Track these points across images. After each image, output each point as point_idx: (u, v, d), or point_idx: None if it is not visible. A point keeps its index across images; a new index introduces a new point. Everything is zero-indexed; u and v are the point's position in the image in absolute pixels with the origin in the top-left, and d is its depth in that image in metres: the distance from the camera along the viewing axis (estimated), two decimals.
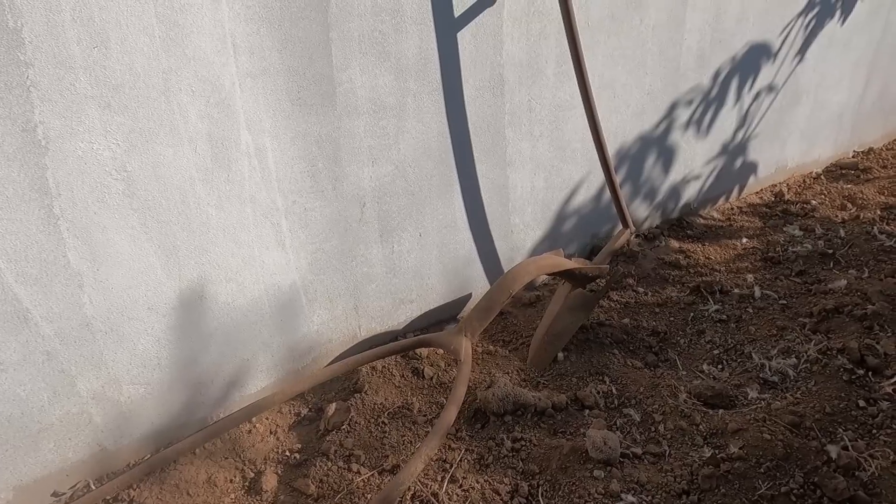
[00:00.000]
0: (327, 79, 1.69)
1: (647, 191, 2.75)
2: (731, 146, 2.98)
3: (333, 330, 2.03)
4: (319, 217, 1.84)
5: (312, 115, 1.71)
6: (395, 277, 2.10)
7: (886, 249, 2.68)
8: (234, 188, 1.64)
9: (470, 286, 2.33)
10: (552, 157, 2.31)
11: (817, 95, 3.21)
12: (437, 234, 2.13)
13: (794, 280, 2.53)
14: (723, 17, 2.56)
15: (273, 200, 1.73)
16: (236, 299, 1.76)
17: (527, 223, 2.38)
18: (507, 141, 2.16)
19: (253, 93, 1.59)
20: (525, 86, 2.11)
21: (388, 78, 1.80)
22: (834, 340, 2.12)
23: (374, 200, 1.94)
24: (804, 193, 3.31)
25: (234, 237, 1.69)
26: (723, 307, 2.37)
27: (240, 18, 1.51)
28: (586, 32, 2.17)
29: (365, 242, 1.98)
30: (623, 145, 2.53)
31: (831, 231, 2.85)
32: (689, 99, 2.65)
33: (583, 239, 2.61)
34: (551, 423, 1.84)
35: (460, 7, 1.86)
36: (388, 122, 1.86)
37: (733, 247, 2.81)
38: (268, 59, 1.58)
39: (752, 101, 2.92)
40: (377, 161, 1.89)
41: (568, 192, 2.44)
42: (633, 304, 2.42)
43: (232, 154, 1.61)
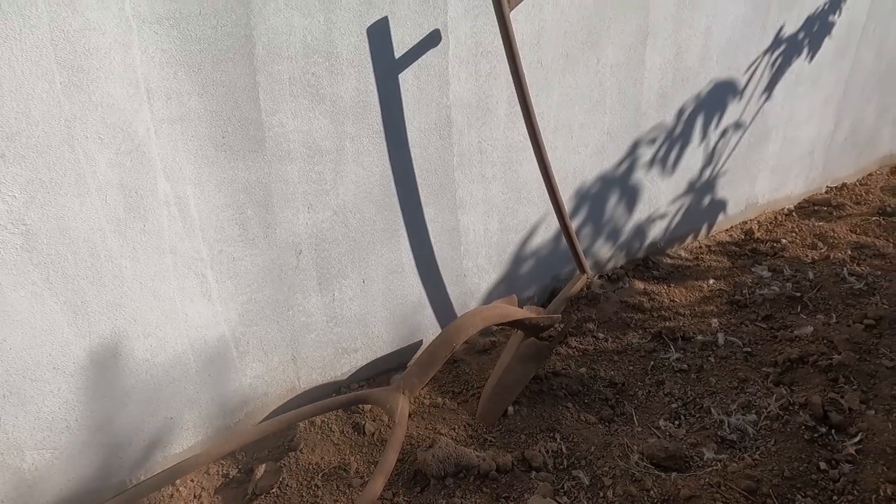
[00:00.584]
0: (255, 123, 1.61)
1: (610, 231, 2.67)
2: (699, 184, 2.91)
3: (269, 383, 1.92)
4: (250, 266, 1.74)
5: (239, 160, 1.62)
6: (337, 326, 1.99)
7: (855, 293, 2.60)
8: (152, 238, 1.54)
9: (420, 333, 2.23)
10: (507, 199, 2.23)
11: (787, 132, 3.16)
12: (382, 280, 2.04)
13: (759, 325, 2.45)
14: (685, 56, 2.51)
15: (197, 250, 1.63)
16: (156, 355, 1.65)
17: (481, 267, 2.28)
18: (457, 183, 2.07)
19: (171, 139, 1.50)
20: (475, 127, 2.03)
21: (324, 121, 1.72)
22: (797, 394, 2.03)
23: (312, 247, 1.84)
24: (775, 231, 3.24)
25: (152, 290, 1.59)
26: (684, 355, 2.27)
27: (154, 62, 1.42)
28: (539, 72, 2.10)
29: (303, 291, 1.88)
30: (583, 185, 2.46)
31: (800, 272, 2.77)
32: (651, 138, 2.59)
33: (542, 281, 2.52)
34: (495, 486, 1.73)
35: (402, 48, 1.78)
36: (325, 167, 1.77)
37: (699, 288, 2.73)
38: (187, 104, 1.49)
39: (720, 138, 2.86)
40: (314, 207, 1.79)
41: (525, 234, 2.36)
42: (592, 350, 2.32)
43: (148, 203, 1.51)
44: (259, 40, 1.54)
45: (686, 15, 2.43)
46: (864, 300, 2.56)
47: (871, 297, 2.57)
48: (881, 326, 2.36)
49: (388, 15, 1.72)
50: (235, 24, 1.49)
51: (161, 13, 1.39)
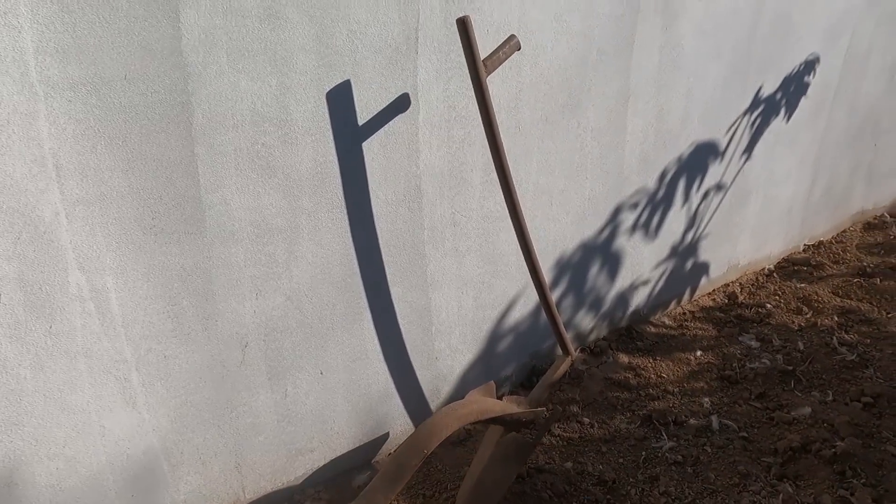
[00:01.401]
0: (193, 201, 1.37)
1: (592, 300, 2.49)
2: (681, 248, 2.78)
3: (208, 497, 1.63)
4: (185, 364, 1.48)
5: (173, 244, 1.38)
6: (289, 425, 1.73)
7: (848, 365, 2.47)
8: (61, 341, 1.28)
9: (387, 425, 1.98)
10: (483, 273, 2.03)
11: (766, 192, 3.07)
12: (343, 369, 1.79)
13: (753, 405, 2.27)
14: (666, 118, 2.40)
15: (119, 351, 1.37)
16: (64, 480, 1.36)
17: (454, 347, 2.06)
18: (428, 259, 1.87)
19: (87, 223, 1.25)
20: (447, 197, 1.84)
21: (275, 196, 1.50)
22: (804, 490, 1.84)
23: (260, 339, 1.59)
24: (758, 294, 3.12)
25: (60, 402, 1.31)
26: (678, 444, 2.07)
27: (66, 136, 1.18)
28: (518, 137, 1.93)
29: (249, 388, 1.61)
30: (564, 255, 2.28)
31: (789, 342, 2.63)
32: (634, 202, 2.44)
33: (521, 359, 2.30)
34: None
35: (366, 114, 1.59)
36: (277, 248, 1.54)
37: (687, 361, 2.55)
38: (108, 183, 1.26)
39: (701, 200, 2.74)
40: (263, 293, 1.55)
41: (502, 310, 2.15)
42: (578, 439, 2.10)
43: (56, 300, 1.25)
44: (198, 107, 1.32)
45: (667, 77, 2.32)
46: (858, 373, 2.42)
47: (864, 369, 2.44)
48: (880, 405, 2.22)
49: (350, 78, 1.53)
50: (170, 89, 1.28)
51: (76, 78, 1.17)
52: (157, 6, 1.22)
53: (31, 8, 1.09)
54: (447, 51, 1.67)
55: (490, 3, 1.70)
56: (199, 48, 1.29)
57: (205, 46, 1.29)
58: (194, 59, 1.28)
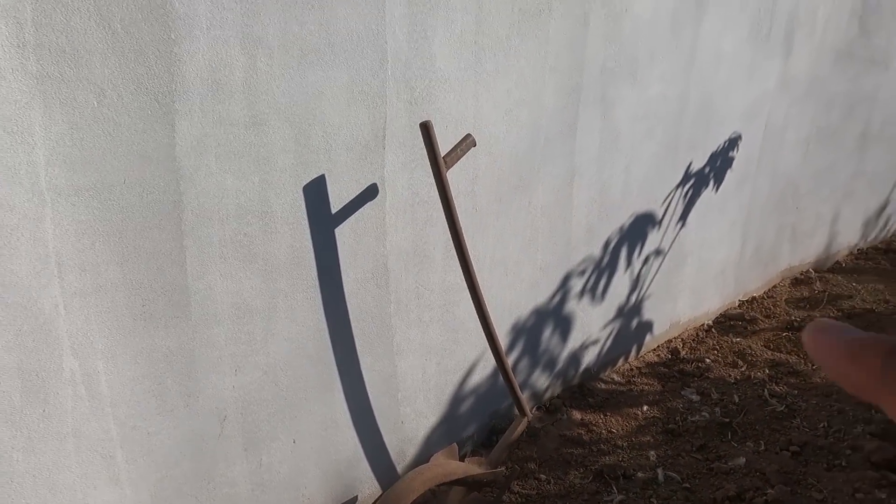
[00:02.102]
0: (180, 288, 1.50)
1: (546, 361, 2.67)
2: (627, 308, 3.01)
3: None
4: (167, 440, 1.57)
5: (160, 328, 1.49)
6: (263, 493, 1.82)
7: (778, 415, 2.70)
8: (52, 424, 1.36)
9: (355, 488, 2.07)
10: (445, 341, 2.19)
11: (701, 255, 3.37)
12: (314, 437, 1.90)
13: (695, 456, 2.47)
14: (608, 193, 2.66)
15: (105, 430, 1.45)
16: None
17: (419, 411, 2.19)
18: (395, 329, 2.02)
19: (83, 313, 1.36)
20: (412, 273, 2.01)
21: (255, 280, 1.64)
22: None
23: (238, 412, 1.69)
24: (698, 349, 3.37)
25: (48, 482, 1.38)
26: (627, 497, 2.23)
27: (68, 234, 1.31)
28: (475, 217, 2.14)
29: (226, 459, 1.71)
30: (519, 319, 2.47)
31: (726, 395, 2.86)
32: (581, 269, 2.67)
33: (482, 419, 2.45)
34: None
35: (339, 202, 1.76)
36: (255, 326, 1.67)
37: (634, 416, 2.75)
38: (104, 275, 1.38)
39: (643, 265, 3.00)
40: (241, 369, 1.67)
41: (463, 374, 2.30)
42: (536, 496, 2.24)
43: (50, 385, 1.34)
44: (188, 205, 1.47)
45: (607, 156, 2.59)
46: (786, 423, 2.65)
47: (792, 419, 2.68)
48: (806, 453, 2.44)
49: (325, 172, 1.71)
50: (163, 190, 1.42)
51: (80, 184, 1.30)
52: (156, 119, 1.37)
53: (44, 126, 1.24)
54: (411, 145, 1.87)
55: (448, 102, 1.93)
56: (191, 153, 1.44)
57: (196, 152, 1.45)
58: (186, 163, 1.44)
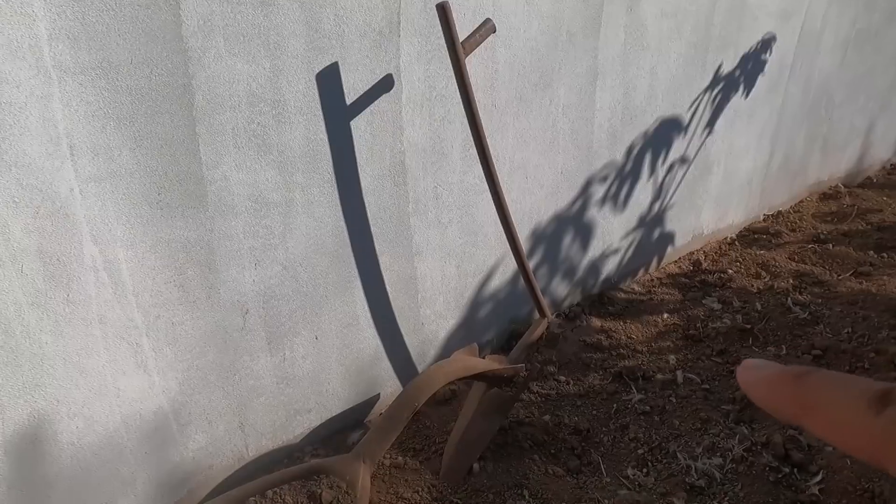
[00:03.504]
0: (195, 177, 1.48)
1: (566, 269, 2.65)
2: (648, 218, 2.95)
3: (214, 454, 1.75)
4: (191, 330, 1.59)
5: (178, 218, 1.48)
6: (288, 387, 1.86)
7: (801, 322, 2.68)
8: (78, 309, 1.38)
9: (377, 386, 2.11)
10: (464, 244, 2.16)
11: (727, 164, 3.26)
12: (336, 335, 1.92)
13: (715, 360, 2.47)
14: (632, 95, 2.54)
15: (130, 318, 1.47)
16: (84, 437, 1.47)
17: (439, 313, 2.20)
18: (413, 230, 1.99)
19: (99, 199, 1.35)
20: (430, 172, 1.96)
21: (271, 172, 1.60)
22: (758, 433, 2.03)
23: (260, 306, 1.71)
24: (720, 261, 3.32)
25: (78, 366, 1.41)
26: (646, 396, 2.25)
27: (78, 116, 1.28)
28: (494, 114, 2.06)
29: (250, 353, 1.73)
30: (539, 225, 2.43)
31: (748, 303, 2.83)
32: (603, 175, 2.59)
33: (501, 325, 2.46)
34: None
35: (353, 94, 1.70)
36: (273, 220, 1.65)
37: (654, 323, 2.74)
38: (117, 161, 1.35)
39: (666, 173, 2.91)
40: (261, 263, 1.67)
41: (482, 278, 2.29)
42: (555, 395, 2.27)
43: (72, 270, 1.35)
44: (199, 89, 1.42)
45: (632, 55, 2.47)
46: (809, 329, 2.63)
47: (815, 326, 2.65)
48: (828, 357, 2.43)
49: (338, 60, 1.63)
50: (172, 72, 1.37)
51: (86, 63, 1.25)
52: None
53: None
54: (427, 34, 1.78)
55: None
56: (199, 33, 1.38)
57: (203, 32, 1.39)
58: (194, 43, 1.38)
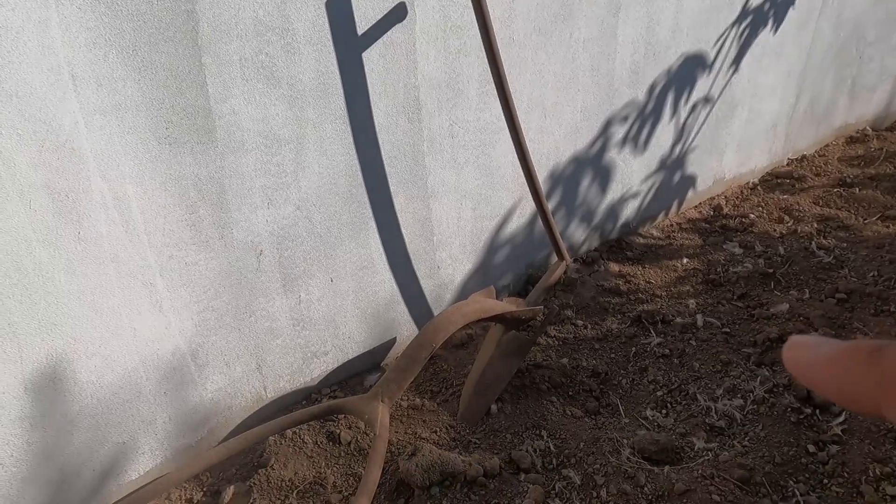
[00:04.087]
0: (203, 111, 1.42)
1: (584, 213, 2.59)
2: (669, 161, 2.86)
3: (233, 395, 1.76)
4: (205, 271, 1.57)
5: (187, 154, 1.43)
6: (304, 329, 1.84)
7: (825, 266, 2.61)
8: (89, 247, 1.35)
9: (394, 330, 2.10)
10: (480, 185, 2.10)
11: (752, 105, 3.14)
12: (351, 277, 1.89)
13: (736, 304, 2.42)
14: (656, 29, 2.42)
15: (143, 257, 1.45)
16: (103, 376, 1.47)
17: (455, 257, 2.16)
18: (428, 170, 1.93)
19: (105, 132, 1.30)
20: (445, 109, 1.89)
21: (281, 107, 1.54)
22: (780, 375, 2.00)
23: (274, 247, 1.67)
24: (742, 206, 3.23)
25: (93, 305, 1.40)
26: (665, 339, 2.22)
27: (79, 44, 1.22)
28: (511, 48, 1.96)
29: (265, 294, 1.71)
30: (557, 167, 2.35)
31: (771, 248, 2.76)
32: (624, 115, 2.50)
33: (517, 269, 2.42)
34: (483, 493, 1.64)
35: (364, 23, 1.61)
36: (285, 158, 1.60)
37: (674, 268, 2.69)
38: (122, 92, 1.30)
39: (689, 113, 2.80)
40: (274, 202, 1.63)
41: (499, 221, 2.24)
42: (573, 339, 2.25)
43: (82, 207, 1.31)
44: (203, 16, 1.35)
45: None
46: (833, 273, 2.57)
47: (839, 270, 2.58)
48: (853, 300, 2.37)
49: None
50: None
51: None
52: None
53: None
54: None
55: None
56: None
57: None
58: None
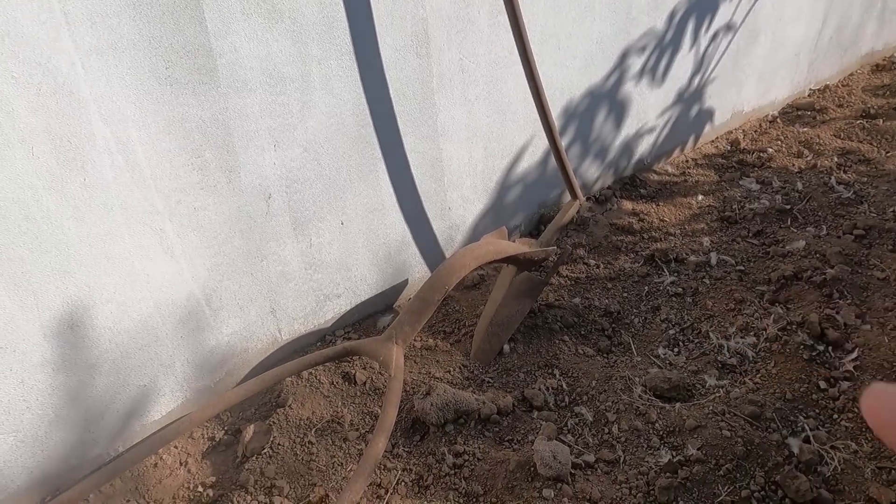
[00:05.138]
0: (203, 49, 1.36)
1: (597, 149, 2.52)
2: (687, 94, 2.75)
3: (248, 338, 1.78)
4: (214, 216, 1.55)
5: (189, 95, 1.38)
6: (316, 272, 1.84)
7: (844, 202, 2.56)
8: (96, 193, 1.33)
9: (405, 272, 2.09)
10: (491, 123, 2.04)
11: (776, 32, 2.98)
12: (362, 220, 1.87)
13: (751, 241, 2.39)
14: None
15: (151, 203, 1.42)
16: (119, 322, 1.48)
17: (466, 197, 2.12)
18: (438, 108, 1.87)
19: (103, 73, 1.25)
20: (455, 42, 1.80)
21: (285, 43, 1.47)
22: (794, 312, 2.00)
23: (282, 190, 1.64)
24: (760, 140, 3.14)
25: (104, 251, 1.39)
26: (678, 278, 2.21)
27: None
28: None
29: (276, 238, 1.70)
30: (571, 102, 2.27)
31: (788, 183, 2.70)
32: (641, 45, 2.38)
33: (530, 209, 2.38)
34: (497, 430, 1.67)
35: None
36: (290, 97, 1.54)
37: (688, 206, 2.64)
38: (117, 31, 1.24)
39: (709, 42, 2.67)
40: (281, 144, 1.58)
41: (511, 160, 2.19)
42: (585, 279, 2.24)
43: (85, 153, 1.28)
44: None
45: None
46: (852, 209, 2.51)
47: (859, 205, 2.53)
48: (871, 236, 2.33)
49: None
50: None
51: None
52: None
53: None
54: None
55: None
56: None
57: None
58: None
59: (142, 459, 1.57)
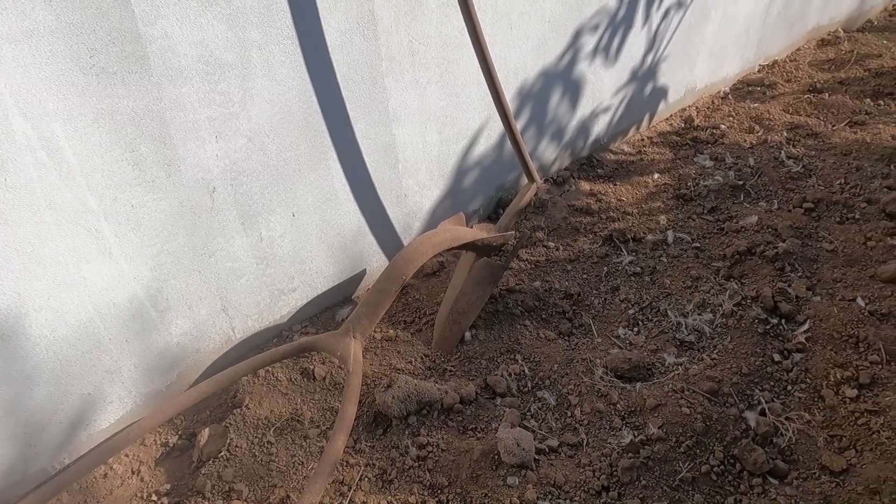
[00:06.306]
0: (131, 35, 1.27)
1: (554, 130, 2.50)
2: (641, 72, 2.75)
3: (200, 338, 1.71)
4: (155, 213, 1.46)
5: (118, 85, 1.29)
6: (269, 267, 1.77)
7: (794, 176, 2.61)
8: (20, 194, 1.24)
9: (363, 262, 2.04)
10: (445, 106, 1.99)
11: (725, 9, 3.01)
12: (314, 210, 1.80)
13: (706, 218, 2.42)
14: None
15: (83, 201, 1.34)
16: (56, 329, 1.39)
17: (422, 183, 2.08)
18: (389, 92, 1.81)
19: (19, 64, 1.15)
20: (403, 23, 1.74)
21: (221, 28, 1.39)
22: (748, 287, 2.03)
23: (227, 183, 1.57)
24: (713, 116, 3.18)
25: (33, 256, 1.30)
26: (637, 258, 2.22)
27: None
28: None
29: (224, 233, 1.62)
30: (525, 83, 2.24)
31: (741, 159, 2.74)
32: (594, 24, 2.36)
33: (487, 192, 2.35)
34: (460, 419, 1.66)
35: None
36: (230, 85, 1.46)
37: (645, 184, 2.66)
38: (31, 17, 1.14)
39: (662, 19, 2.67)
40: (223, 135, 1.50)
41: (466, 144, 2.15)
42: (544, 261, 2.23)
43: (4, 150, 1.19)
44: None
45: None
46: (801, 183, 2.57)
47: (808, 179, 2.59)
48: (819, 209, 2.39)
49: None
50: None
51: None
52: None
53: None
54: None
55: None
56: None
57: None
58: None
59: (90, 470, 1.49)
